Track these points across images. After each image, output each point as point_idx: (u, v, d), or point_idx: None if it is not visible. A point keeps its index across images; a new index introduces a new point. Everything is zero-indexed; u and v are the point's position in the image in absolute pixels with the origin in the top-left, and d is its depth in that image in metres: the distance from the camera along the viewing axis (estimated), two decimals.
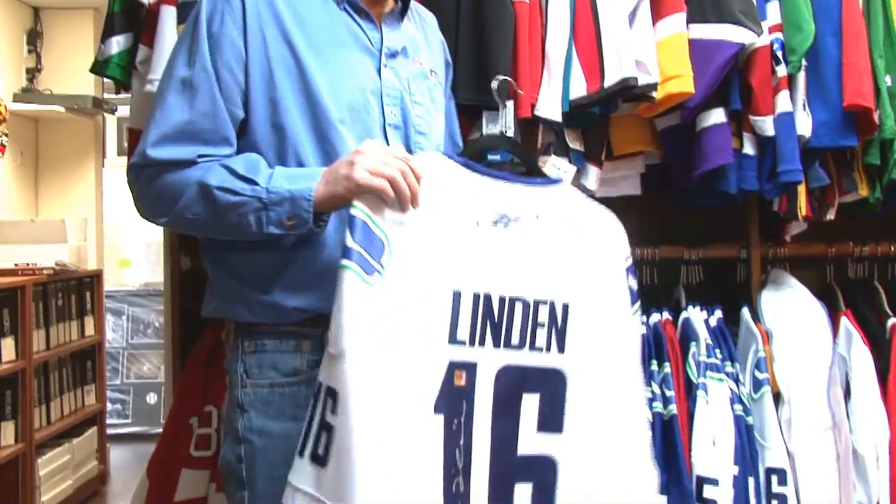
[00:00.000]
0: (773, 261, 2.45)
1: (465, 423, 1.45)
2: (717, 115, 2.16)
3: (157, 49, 2.09)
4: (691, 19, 2.14)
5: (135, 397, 5.48)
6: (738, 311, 2.31)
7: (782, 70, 2.20)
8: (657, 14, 2.13)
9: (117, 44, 2.20)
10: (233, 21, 1.52)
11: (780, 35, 2.21)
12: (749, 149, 2.22)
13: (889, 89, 2.23)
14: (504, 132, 1.65)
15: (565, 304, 1.52)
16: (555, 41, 2.08)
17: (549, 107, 2.05)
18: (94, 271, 4.60)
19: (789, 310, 2.31)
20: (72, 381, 4.30)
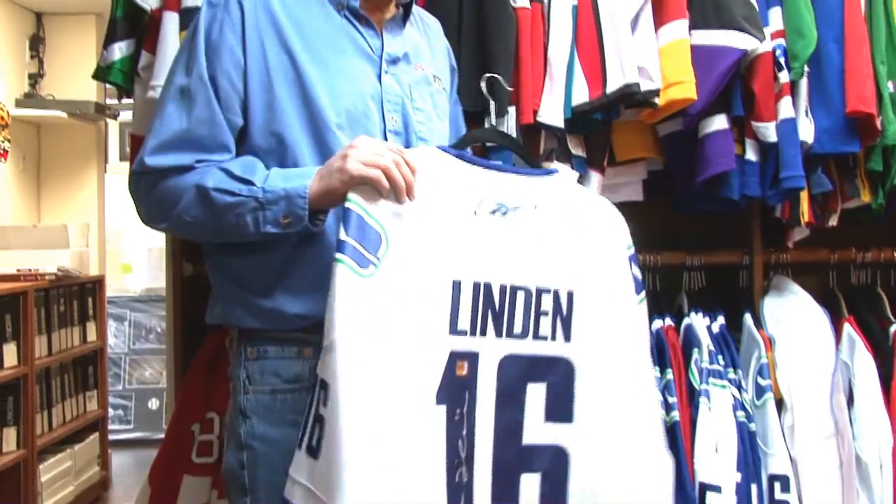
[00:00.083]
0: (776, 267, 2.45)
1: (467, 414, 1.43)
2: (720, 122, 2.16)
3: (160, 55, 2.09)
4: (694, 25, 2.14)
5: (137, 403, 5.47)
6: (740, 317, 2.31)
7: (785, 76, 2.20)
8: (659, 20, 2.13)
9: (120, 50, 2.21)
10: (231, 29, 1.52)
11: (782, 41, 2.21)
12: (751, 155, 2.22)
13: (891, 95, 2.23)
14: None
15: (570, 291, 1.51)
16: (557, 47, 2.08)
17: (552, 113, 2.05)
18: (96, 277, 4.60)
19: (792, 316, 2.30)
20: (73, 386, 4.29)
